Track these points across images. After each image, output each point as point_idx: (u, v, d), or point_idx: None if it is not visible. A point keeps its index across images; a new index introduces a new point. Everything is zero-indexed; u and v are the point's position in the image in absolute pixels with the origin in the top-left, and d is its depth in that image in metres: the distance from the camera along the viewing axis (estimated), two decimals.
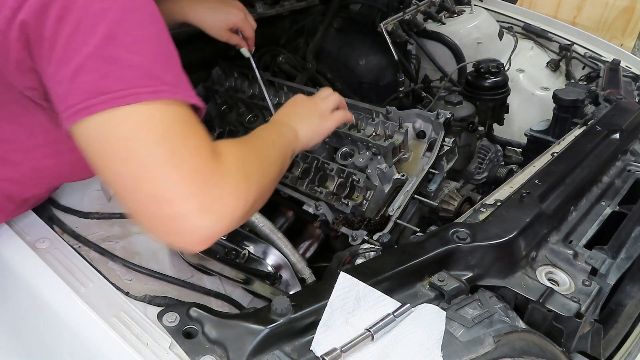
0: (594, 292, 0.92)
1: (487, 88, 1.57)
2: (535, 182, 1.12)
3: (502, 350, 0.77)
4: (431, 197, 1.31)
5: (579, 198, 1.15)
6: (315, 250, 1.41)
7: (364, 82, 1.95)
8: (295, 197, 1.33)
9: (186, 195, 0.64)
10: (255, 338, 0.72)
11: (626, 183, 1.25)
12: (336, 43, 1.97)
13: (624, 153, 1.35)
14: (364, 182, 1.24)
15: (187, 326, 0.74)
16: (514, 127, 1.85)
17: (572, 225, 1.09)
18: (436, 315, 0.80)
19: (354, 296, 0.79)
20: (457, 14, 2.05)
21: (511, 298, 0.90)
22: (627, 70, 1.81)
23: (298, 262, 1.24)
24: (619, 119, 1.40)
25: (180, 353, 0.71)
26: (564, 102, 1.51)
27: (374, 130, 1.35)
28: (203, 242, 0.68)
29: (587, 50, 1.97)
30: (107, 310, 0.78)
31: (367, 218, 1.23)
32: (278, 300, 0.75)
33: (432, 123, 1.34)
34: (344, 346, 0.71)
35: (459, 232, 0.94)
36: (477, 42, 1.95)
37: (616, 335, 1.00)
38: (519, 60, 1.98)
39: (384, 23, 1.78)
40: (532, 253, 0.98)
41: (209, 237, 0.68)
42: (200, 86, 1.73)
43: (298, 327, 0.75)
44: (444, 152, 1.34)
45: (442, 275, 0.89)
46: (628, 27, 3.47)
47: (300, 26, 2.02)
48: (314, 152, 1.37)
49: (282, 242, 1.18)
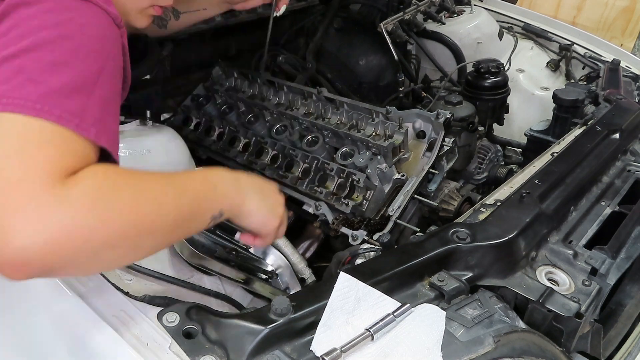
0: (594, 292, 0.92)
1: (487, 88, 1.57)
2: (535, 182, 1.12)
3: (502, 350, 0.77)
4: (431, 197, 1.31)
5: (579, 198, 1.15)
6: (315, 250, 1.41)
7: (364, 82, 1.95)
8: (295, 197, 1.33)
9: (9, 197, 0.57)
10: (255, 338, 0.72)
11: (626, 183, 1.25)
12: (336, 43, 1.97)
13: (624, 153, 1.35)
14: (364, 182, 1.24)
15: (187, 326, 0.74)
16: (514, 127, 1.86)
17: (572, 225, 1.09)
18: (436, 315, 0.80)
19: (353, 296, 0.79)
20: (457, 14, 2.05)
21: (511, 298, 0.90)
22: (627, 70, 1.81)
23: (298, 262, 1.24)
24: (619, 119, 1.40)
25: (180, 353, 0.71)
26: (564, 102, 1.52)
27: (374, 130, 1.35)
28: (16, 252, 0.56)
29: (587, 50, 1.98)
30: (107, 309, 0.78)
31: (367, 218, 1.23)
32: (278, 300, 0.75)
33: (432, 123, 1.34)
34: (343, 346, 0.71)
35: (459, 232, 0.94)
36: (477, 42, 1.95)
37: (616, 335, 1.00)
38: (519, 60, 1.99)
39: (384, 23, 1.78)
40: (532, 253, 0.98)
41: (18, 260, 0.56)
42: (200, 86, 1.74)
43: (298, 327, 0.75)
44: (444, 152, 1.34)
45: (442, 275, 0.89)
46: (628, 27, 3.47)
47: (300, 26, 2.02)
48: (313, 152, 1.37)
49: (282, 242, 1.18)
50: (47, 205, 0.57)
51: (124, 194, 0.64)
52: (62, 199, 0.58)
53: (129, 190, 0.65)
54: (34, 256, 0.57)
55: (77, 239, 0.59)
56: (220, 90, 1.66)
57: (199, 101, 1.68)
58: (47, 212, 0.57)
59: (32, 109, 0.61)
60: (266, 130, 1.51)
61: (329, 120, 1.42)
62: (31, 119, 0.61)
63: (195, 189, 0.75)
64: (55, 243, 0.57)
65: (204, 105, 1.66)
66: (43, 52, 0.65)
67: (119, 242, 0.63)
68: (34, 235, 0.56)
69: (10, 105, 0.61)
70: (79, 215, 0.59)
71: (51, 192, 0.58)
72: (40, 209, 0.57)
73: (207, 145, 1.55)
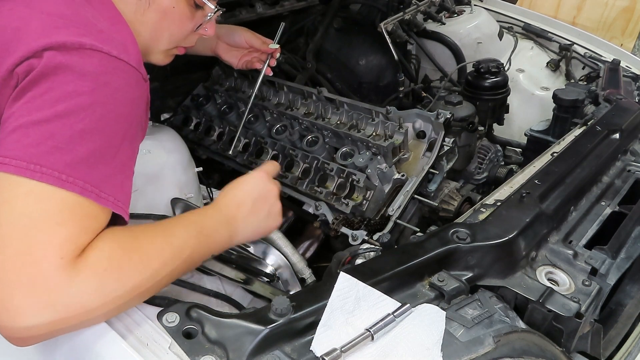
0: (594, 292, 0.92)
1: (487, 88, 1.57)
2: (535, 182, 1.12)
3: (502, 350, 0.77)
4: (431, 197, 1.31)
5: (579, 198, 1.15)
6: (315, 250, 1.41)
7: (364, 82, 1.95)
8: (295, 197, 1.33)
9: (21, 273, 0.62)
10: (255, 338, 0.72)
11: (626, 183, 1.25)
12: (336, 43, 1.98)
13: (624, 153, 1.35)
14: (364, 182, 1.24)
15: (187, 326, 0.74)
16: (514, 127, 1.86)
17: (572, 225, 1.09)
18: (436, 315, 0.80)
19: (353, 296, 0.79)
20: (457, 14, 2.05)
21: (511, 298, 0.90)
22: (627, 70, 1.81)
23: (298, 262, 1.24)
24: (619, 119, 1.40)
25: (180, 353, 0.71)
26: (564, 102, 1.51)
27: (374, 130, 1.35)
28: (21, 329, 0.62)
29: (587, 50, 1.98)
30: None
31: (367, 218, 1.23)
32: (278, 300, 0.75)
33: (432, 123, 1.34)
34: (343, 346, 0.71)
35: (459, 232, 0.94)
36: (477, 42, 1.95)
37: (616, 335, 1.00)
38: (519, 60, 1.99)
39: (384, 23, 1.78)
40: (532, 253, 0.98)
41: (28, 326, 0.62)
42: (200, 86, 1.74)
43: (298, 327, 0.75)
44: (444, 152, 1.34)
45: (442, 275, 0.88)
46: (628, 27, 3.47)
47: (300, 26, 2.02)
48: (313, 152, 1.37)
49: (282, 242, 1.18)
50: (56, 288, 0.63)
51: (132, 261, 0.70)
52: (71, 282, 0.63)
53: (136, 254, 0.71)
54: (39, 332, 0.63)
55: (80, 317, 0.65)
56: (220, 90, 1.66)
57: (199, 101, 1.68)
58: (55, 294, 0.63)
59: (58, 179, 0.66)
60: (266, 130, 1.51)
61: (329, 120, 1.42)
62: (56, 189, 0.66)
63: (192, 246, 0.80)
64: (60, 322, 0.64)
65: (204, 105, 1.66)
66: (74, 119, 0.69)
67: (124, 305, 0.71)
68: (41, 316, 0.62)
69: (39, 173, 0.66)
70: (85, 298, 0.65)
71: (62, 274, 0.63)
72: (50, 291, 0.62)
73: (207, 145, 1.55)
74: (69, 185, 0.67)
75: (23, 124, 0.68)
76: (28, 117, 0.68)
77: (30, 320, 0.62)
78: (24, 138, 0.68)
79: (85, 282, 0.65)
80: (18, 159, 0.66)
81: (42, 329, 0.64)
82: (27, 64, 0.71)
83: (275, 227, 1.01)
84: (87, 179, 0.69)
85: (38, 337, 0.65)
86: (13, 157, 0.66)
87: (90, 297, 0.65)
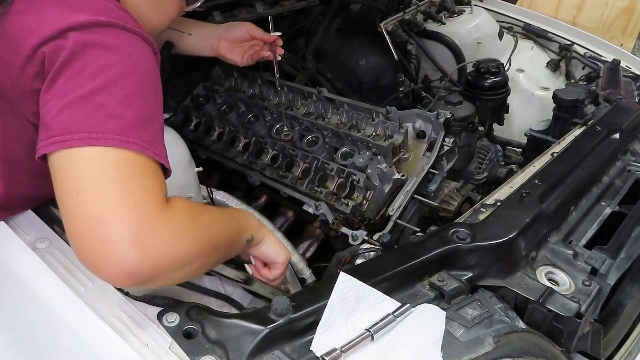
0: (594, 292, 0.92)
1: (487, 88, 1.57)
2: (535, 182, 1.12)
3: (502, 350, 0.77)
4: (431, 197, 1.31)
5: (579, 198, 1.15)
6: (315, 250, 1.41)
7: (364, 82, 1.95)
8: (295, 197, 1.33)
9: (122, 223, 0.67)
10: (255, 338, 0.72)
11: (626, 183, 1.25)
12: (336, 43, 1.97)
13: (624, 153, 1.35)
14: (364, 182, 1.24)
15: (187, 326, 0.74)
16: (514, 127, 1.86)
17: (572, 225, 1.09)
18: (436, 315, 0.80)
19: (353, 296, 0.79)
20: (457, 14, 2.05)
21: (511, 298, 0.90)
22: (627, 70, 1.81)
23: (298, 262, 1.24)
24: (619, 119, 1.40)
25: (180, 353, 0.71)
26: (564, 102, 1.51)
27: (374, 130, 1.35)
28: (122, 275, 0.67)
29: (587, 50, 1.97)
30: (107, 310, 0.78)
31: (367, 218, 1.23)
32: (278, 300, 0.75)
33: (432, 123, 1.34)
34: (343, 346, 0.71)
35: (459, 232, 0.94)
36: (477, 42, 1.95)
37: (616, 335, 1.00)
38: (519, 60, 1.98)
39: (384, 23, 1.78)
40: (532, 253, 0.98)
41: (129, 272, 0.67)
42: (200, 86, 1.74)
43: (298, 327, 0.75)
44: (444, 152, 1.34)
45: (442, 275, 0.88)
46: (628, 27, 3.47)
47: (300, 26, 2.02)
48: (314, 152, 1.37)
49: (283, 242, 1.18)
50: (160, 225, 0.69)
51: (203, 219, 0.79)
52: (162, 229, 0.70)
53: (205, 216, 0.81)
54: (142, 273, 0.68)
55: (175, 260, 0.71)
56: (220, 90, 1.66)
57: (199, 101, 1.68)
58: (155, 234, 0.68)
59: (120, 141, 0.71)
60: (266, 130, 1.51)
61: (329, 120, 1.42)
62: (122, 150, 0.71)
63: (237, 217, 0.93)
64: (156, 265, 0.68)
65: (204, 105, 1.66)
66: (115, 88, 0.74)
67: (199, 258, 0.76)
68: (139, 261, 0.67)
69: (102, 139, 0.70)
70: (179, 245, 0.71)
71: (163, 213, 0.70)
72: (155, 228, 0.69)
73: (207, 145, 1.55)
74: (131, 145, 0.72)
75: (71, 101, 0.72)
76: (73, 94, 0.72)
77: (137, 263, 0.66)
78: (76, 113, 0.71)
79: (179, 222, 0.72)
80: (79, 132, 0.70)
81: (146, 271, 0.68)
82: (53, 44, 0.74)
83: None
84: (143, 138, 0.74)
85: (140, 279, 0.68)
86: (74, 132, 0.70)
87: (184, 235, 0.72)
